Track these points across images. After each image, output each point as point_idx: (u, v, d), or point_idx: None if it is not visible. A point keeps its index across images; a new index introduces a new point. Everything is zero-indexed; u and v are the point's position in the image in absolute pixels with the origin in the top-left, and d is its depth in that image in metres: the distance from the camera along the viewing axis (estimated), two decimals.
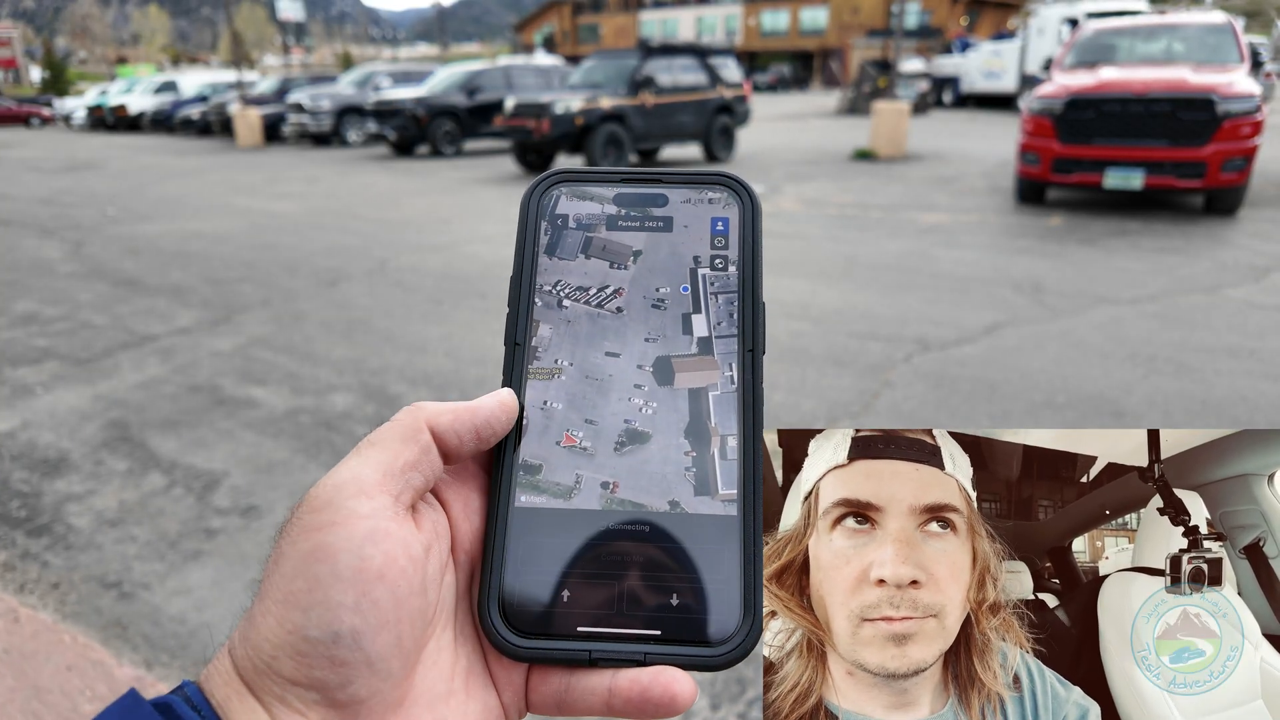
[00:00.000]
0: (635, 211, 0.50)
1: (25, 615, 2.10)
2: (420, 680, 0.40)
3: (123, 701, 0.35)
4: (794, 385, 4.47)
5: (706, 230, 0.50)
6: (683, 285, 0.48)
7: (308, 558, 0.38)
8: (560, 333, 0.47)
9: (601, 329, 0.47)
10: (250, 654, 0.37)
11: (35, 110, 43.23)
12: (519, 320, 0.47)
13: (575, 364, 0.46)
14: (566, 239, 0.50)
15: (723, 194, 0.51)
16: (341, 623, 0.37)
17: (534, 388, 0.46)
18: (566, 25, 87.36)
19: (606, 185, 0.51)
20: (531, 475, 0.44)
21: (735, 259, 0.50)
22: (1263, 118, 8.45)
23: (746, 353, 0.48)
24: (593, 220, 0.50)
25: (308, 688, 0.37)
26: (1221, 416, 4.02)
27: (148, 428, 4.12)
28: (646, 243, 0.49)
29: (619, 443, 0.45)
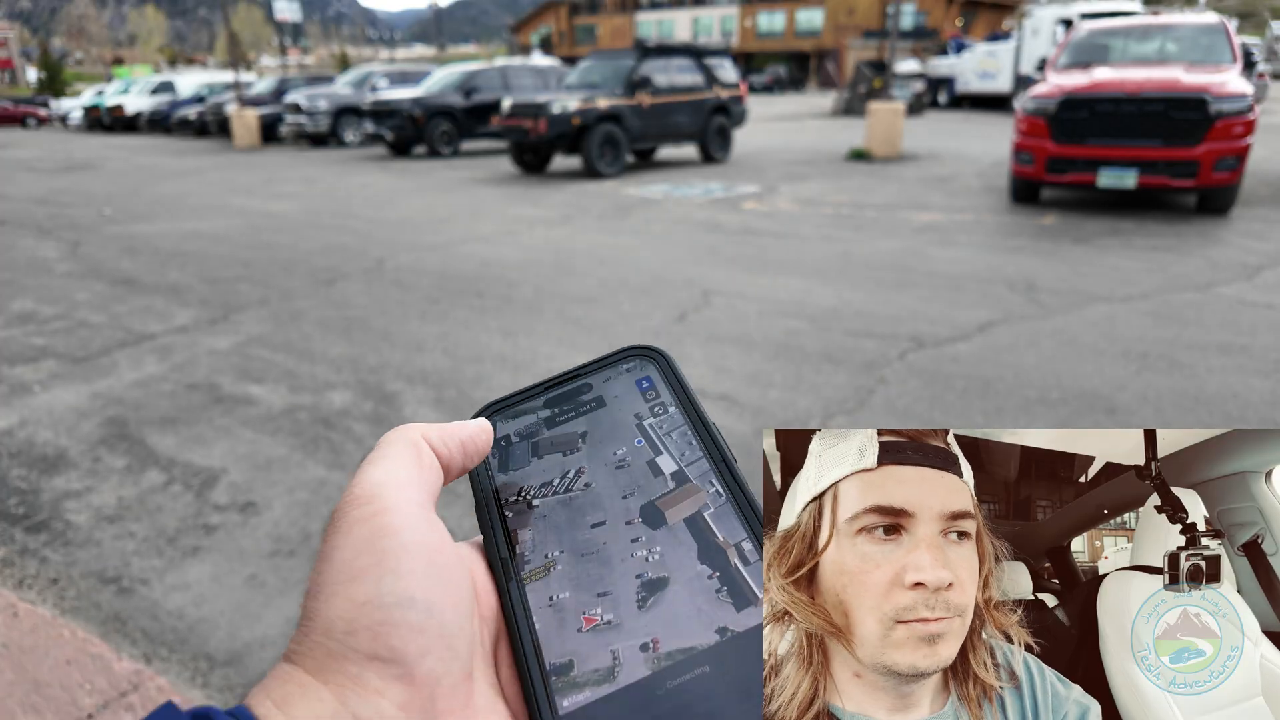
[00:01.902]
0: (567, 406, 0.52)
1: (24, 610, 2.10)
2: (478, 695, 0.39)
3: (159, 713, 0.34)
4: (789, 382, 4.48)
5: (636, 391, 0.51)
6: (636, 440, 0.49)
7: (371, 537, 0.37)
8: (540, 530, 0.46)
9: (578, 508, 0.47)
10: (320, 639, 0.36)
11: (31, 111, 43.11)
12: (496, 538, 0.46)
13: (566, 550, 0.45)
14: (515, 453, 0.50)
15: (635, 361, 0.53)
16: (415, 588, 0.37)
17: (534, 590, 0.44)
18: (563, 26, 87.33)
19: (533, 397, 0.53)
20: (565, 675, 0.41)
21: (670, 400, 0.50)
22: (1255, 117, 8.48)
23: (721, 464, 0.47)
24: (533, 428, 0.51)
25: (387, 661, 0.36)
26: (1213, 412, 4.03)
27: (146, 425, 4.11)
28: (588, 424, 0.50)
29: (640, 599, 0.43)
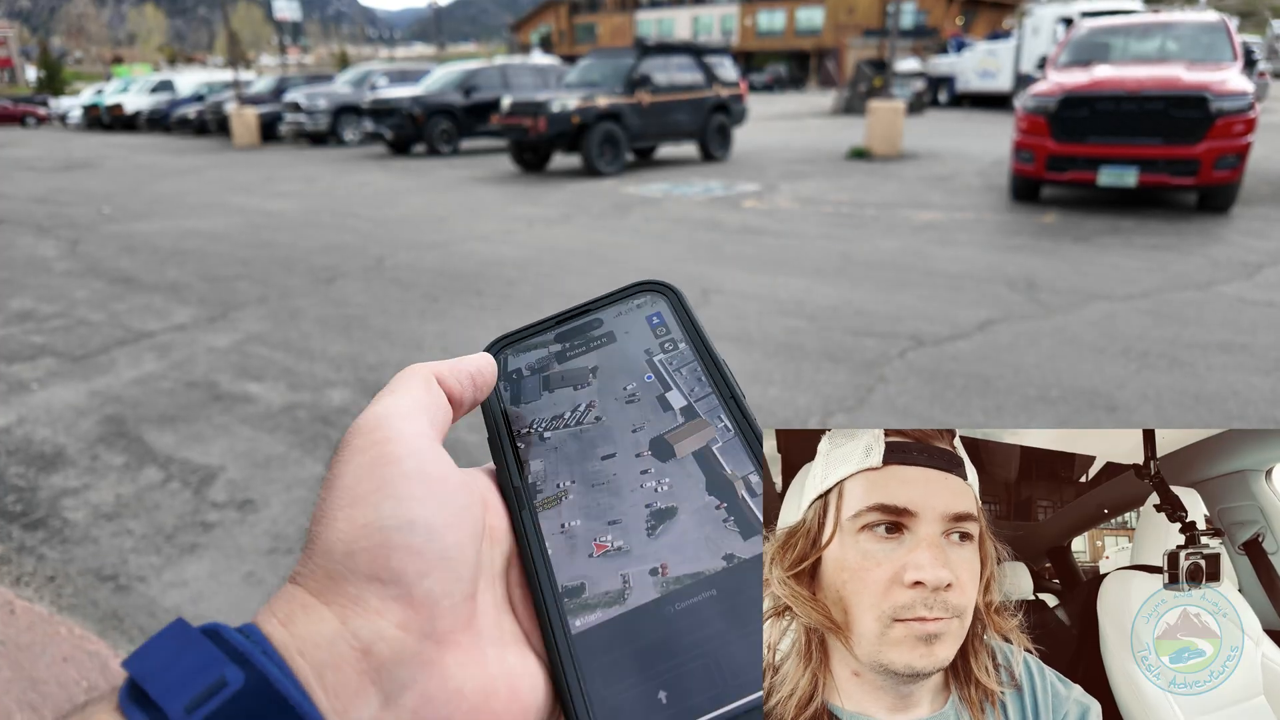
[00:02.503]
0: (578, 340, 0.53)
1: (21, 607, 2.10)
2: (481, 616, 0.40)
3: (170, 629, 0.34)
4: (789, 380, 4.48)
5: (646, 328, 0.52)
6: (646, 375, 0.50)
7: (372, 464, 0.38)
8: (552, 461, 0.48)
9: (589, 441, 0.48)
10: (321, 561, 0.37)
11: (30, 110, 43.11)
12: (509, 468, 0.47)
13: (577, 480, 0.47)
14: (526, 386, 0.51)
15: (646, 296, 0.53)
16: (415, 512, 0.37)
17: (547, 518, 0.46)
18: (563, 25, 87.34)
19: (543, 332, 0.54)
20: (577, 597, 0.43)
21: (680, 336, 0.51)
22: (1255, 115, 8.47)
23: (730, 400, 0.47)
24: (544, 362, 0.52)
25: (386, 581, 0.36)
26: (1214, 410, 4.03)
27: (144, 423, 4.11)
28: (599, 359, 0.51)
29: (650, 527, 0.44)
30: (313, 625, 0.35)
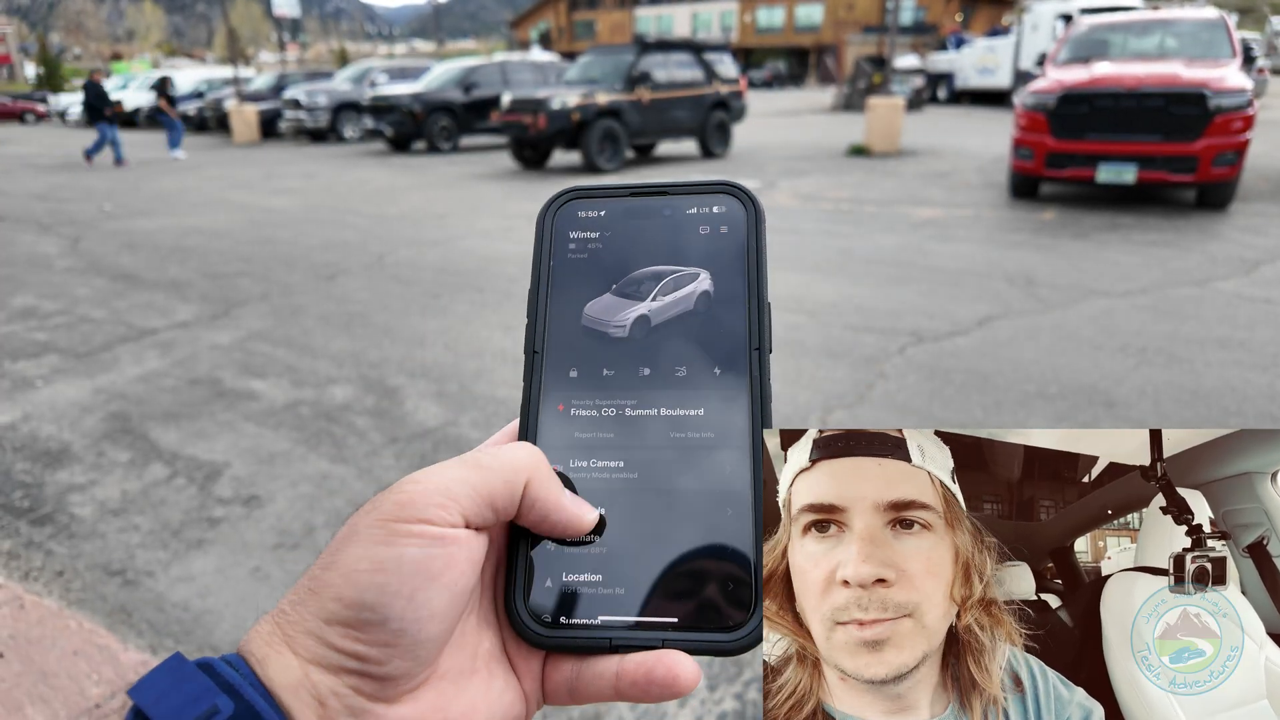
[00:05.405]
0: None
1: (30, 602, 2.11)
2: (447, 657, 0.42)
3: (168, 662, 0.39)
4: (789, 377, 4.49)
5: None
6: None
7: (378, 543, 0.40)
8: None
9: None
10: (303, 618, 0.40)
11: (30, 106, 43.00)
12: (537, 329, 0.49)
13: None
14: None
15: (726, 201, 0.52)
16: (393, 609, 0.39)
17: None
18: (562, 21, 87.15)
19: (616, 200, 0.53)
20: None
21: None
22: (1254, 112, 8.47)
23: (753, 351, 0.48)
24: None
25: (349, 656, 0.39)
26: (1211, 407, 4.04)
27: (148, 420, 4.12)
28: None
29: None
30: (281, 671, 0.39)
